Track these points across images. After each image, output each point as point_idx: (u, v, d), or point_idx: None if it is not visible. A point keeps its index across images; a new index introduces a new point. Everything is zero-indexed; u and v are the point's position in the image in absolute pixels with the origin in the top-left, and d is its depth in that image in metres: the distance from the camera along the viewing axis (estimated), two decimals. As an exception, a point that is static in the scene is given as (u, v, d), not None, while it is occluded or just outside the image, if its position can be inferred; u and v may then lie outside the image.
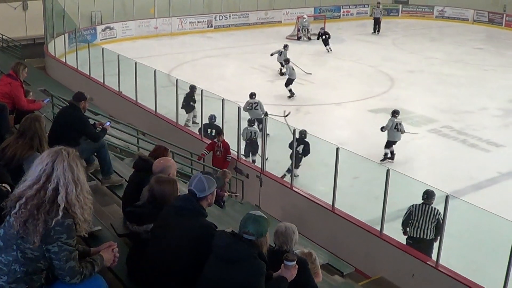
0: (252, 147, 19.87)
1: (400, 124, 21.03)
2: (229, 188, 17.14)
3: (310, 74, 32.20)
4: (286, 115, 21.83)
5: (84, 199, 4.66)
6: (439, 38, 46.24)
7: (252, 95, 23.13)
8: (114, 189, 10.13)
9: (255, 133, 19.82)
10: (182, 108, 22.90)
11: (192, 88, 23.38)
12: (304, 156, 18.61)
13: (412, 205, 13.72)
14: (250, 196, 17.72)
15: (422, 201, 13.64)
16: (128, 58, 25.10)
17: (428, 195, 13.63)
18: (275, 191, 17.19)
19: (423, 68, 35.02)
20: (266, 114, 20.69)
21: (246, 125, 19.84)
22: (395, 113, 21.17)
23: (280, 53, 32.73)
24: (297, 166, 18.30)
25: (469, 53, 40.20)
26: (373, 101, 28.05)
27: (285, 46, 33.28)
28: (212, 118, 20.55)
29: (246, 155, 19.63)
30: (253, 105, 22.76)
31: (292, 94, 28.32)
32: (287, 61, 29.80)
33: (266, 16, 48.39)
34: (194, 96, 23.25)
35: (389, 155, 21.04)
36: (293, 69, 28.90)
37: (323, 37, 39.91)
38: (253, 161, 19.75)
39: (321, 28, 41.50)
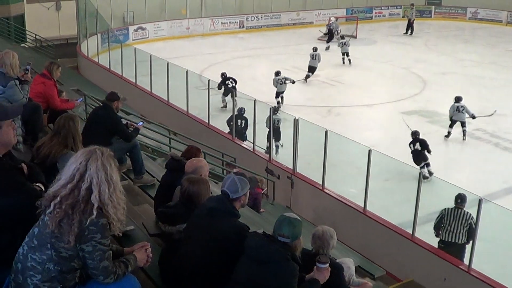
0: (274, 134, 20.21)
1: (462, 107, 23.35)
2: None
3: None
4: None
5: (117, 199, 4.65)
6: (472, 40, 45.96)
7: (278, 73, 27.26)
8: (146, 189, 10.16)
9: (278, 121, 20.80)
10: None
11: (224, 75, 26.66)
12: (428, 152, 20.01)
13: (444, 208, 13.63)
14: (281, 197, 17.70)
15: (454, 205, 13.55)
16: (160, 59, 25.23)
17: (461, 199, 13.53)
18: (306, 193, 17.15)
19: (455, 70, 34.78)
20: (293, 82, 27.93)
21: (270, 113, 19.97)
22: (457, 99, 23.59)
23: (344, 43, 36.14)
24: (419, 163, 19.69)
25: (503, 55, 39.90)
26: (405, 103, 27.91)
27: (343, 37, 36.86)
28: (241, 110, 21.18)
29: (268, 141, 19.86)
30: (283, 80, 27.11)
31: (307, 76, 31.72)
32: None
33: (298, 17, 48.42)
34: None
35: (449, 132, 23.58)
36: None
37: (328, 34, 40.45)
38: (277, 147, 20.46)
39: (328, 25, 42.86)
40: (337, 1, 49.64)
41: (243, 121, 21.22)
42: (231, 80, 26.56)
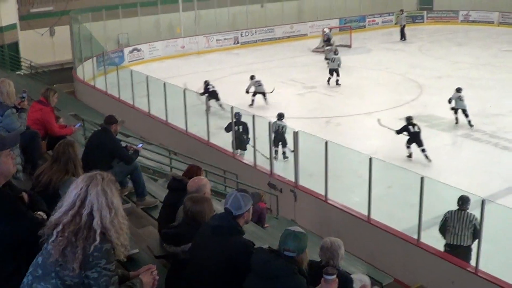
0: (279, 139, 20.91)
1: (463, 96, 25.15)
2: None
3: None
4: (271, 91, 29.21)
5: (119, 223, 4.61)
6: (466, 42, 45.97)
7: (253, 77, 29.58)
8: (149, 210, 10.14)
9: (283, 127, 21.24)
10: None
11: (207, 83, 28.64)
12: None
13: (448, 211, 13.60)
14: (285, 210, 17.70)
15: (457, 207, 13.52)
16: (157, 79, 25.22)
17: (463, 201, 13.50)
18: (309, 205, 17.15)
19: (451, 73, 34.79)
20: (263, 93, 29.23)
21: (276, 119, 21.36)
22: (458, 90, 25.41)
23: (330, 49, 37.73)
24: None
25: (497, 56, 40.00)
26: (403, 109, 27.88)
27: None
28: (237, 115, 21.19)
29: (275, 146, 20.53)
30: (259, 82, 29.23)
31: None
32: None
33: (292, 29, 48.47)
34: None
35: (456, 119, 25.44)
36: None
37: (327, 42, 40.65)
38: (284, 153, 21.21)
39: (325, 34, 42.72)
40: (330, 12, 49.72)
41: (241, 126, 21.20)
42: (212, 85, 28.44)
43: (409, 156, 21.76)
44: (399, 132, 22.02)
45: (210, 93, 27.70)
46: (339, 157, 18.49)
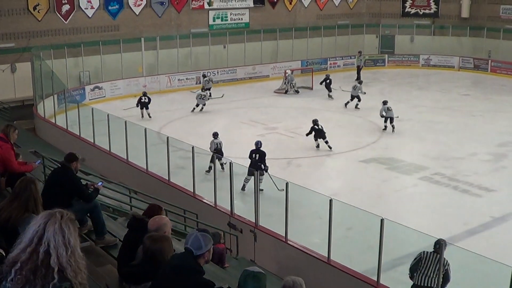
0: (219, 154, 22.89)
1: (390, 107, 31.52)
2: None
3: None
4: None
5: (76, 263, 4.56)
6: (426, 86, 46.48)
7: (197, 91, 37.11)
8: (108, 249, 10.06)
9: (220, 143, 24.43)
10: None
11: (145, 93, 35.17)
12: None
13: (423, 251, 13.57)
14: (245, 251, 17.63)
15: (433, 250, 13.53)
16: (118, 117, 25.11)
17: (440, 245, 13.52)
18: (269, 245, 17.11)
19: (411, 116, 35.04)
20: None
21: (212, 139, 24.47)
22: (385, 102, 31.84)
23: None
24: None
25: (457, 100, 40.45)
26: (363, 151, 28.09)
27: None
28: (258, 143, 22.68)
29: (212, 161, 21.80)
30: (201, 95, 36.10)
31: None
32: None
33: (254, 71, 48.55)
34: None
35: (385, 126, 31.54)
36: None
37: (326, 81, 40.60)
38: (221, 165, 23.36)
39: (326, 75, 42.82)
40: (292, 54, 50.01)
41: (257, 155, 22.25)
42: (145, 97, 34.68)
43: (317, 146, 28.17)
44: (308, 134, 27.94)
45: (142, 103, 34.43)
46: (300, 198, 18.54)
